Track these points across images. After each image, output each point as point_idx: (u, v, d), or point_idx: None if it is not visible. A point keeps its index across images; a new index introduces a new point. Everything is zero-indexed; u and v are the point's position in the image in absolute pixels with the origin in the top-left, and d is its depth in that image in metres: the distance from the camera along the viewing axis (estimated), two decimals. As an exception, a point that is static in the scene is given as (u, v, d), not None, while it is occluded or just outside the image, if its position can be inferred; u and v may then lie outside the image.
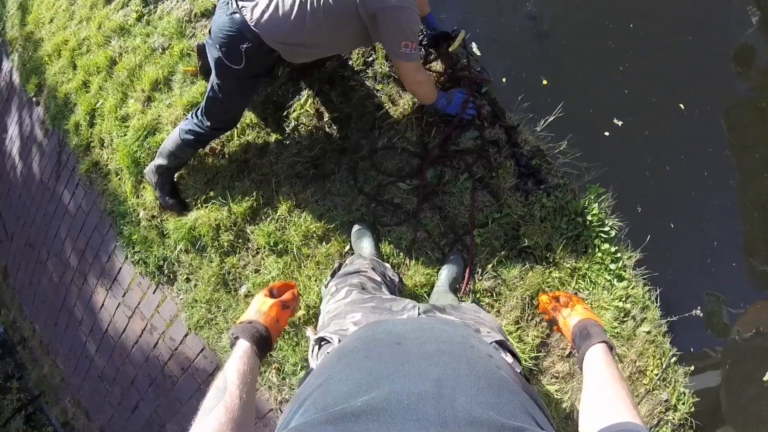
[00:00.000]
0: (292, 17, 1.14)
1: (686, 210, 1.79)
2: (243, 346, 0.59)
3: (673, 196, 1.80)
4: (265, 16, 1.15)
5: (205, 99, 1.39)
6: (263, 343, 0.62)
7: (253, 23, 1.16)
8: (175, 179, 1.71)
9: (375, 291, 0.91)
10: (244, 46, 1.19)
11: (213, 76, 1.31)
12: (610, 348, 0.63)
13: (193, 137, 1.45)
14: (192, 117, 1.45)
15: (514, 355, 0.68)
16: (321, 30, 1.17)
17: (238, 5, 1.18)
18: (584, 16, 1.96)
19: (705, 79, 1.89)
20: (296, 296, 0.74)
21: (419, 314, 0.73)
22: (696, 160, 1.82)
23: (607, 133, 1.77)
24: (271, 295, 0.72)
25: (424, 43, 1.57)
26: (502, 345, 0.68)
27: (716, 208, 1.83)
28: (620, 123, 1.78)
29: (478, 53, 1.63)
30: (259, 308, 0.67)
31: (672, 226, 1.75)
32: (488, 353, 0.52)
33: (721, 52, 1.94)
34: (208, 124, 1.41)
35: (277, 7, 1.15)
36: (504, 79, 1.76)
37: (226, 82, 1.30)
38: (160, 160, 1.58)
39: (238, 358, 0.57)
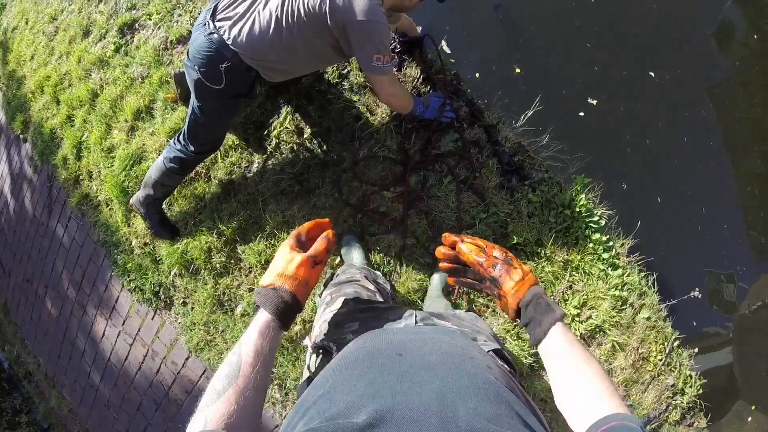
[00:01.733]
0: (269, 34, 1.15)
1: (671, 181, 1.79)
2: (264, 318, 0.53)
3: (656, 168, 1.79)
4: (243, 34, 1.16)
5: (187, 123, 1.39)
6: (287, 312, 0.55)
7: (230, 42, 1.18)
8: (163, 207, 1.71)
9: (370, 299, 0.91)
10: (224, 65, 1.20)
11: (193, 99, 1.32)
12: (562, 318, 0.57)
13: (177, 164, 1.46)
14: (175, 143, 1.45)
15: (510, 363, 0.68)
16: (297, 46, 1.18)
17: (215, 26, 1.19)
18: (546, -3, 1.95)
19: (670, 43, 1.89)
20: (330, 242, 0.61)
21: (416, 323, 0.72)
22: (673, 126, 1.82)
23: (582, 114, 1.77)
24: (299, 244, 0.60)
25: (397, 50, 1.58)
26: (499, 354, 0.68)
27: (699, 173, 1.82)
28: (595, 102, 1.77)
29: (448, 51, 1.63)
30: (283, 269, 0.56)
31: (658, 200, 1.74)
32: (487, 364, 0.52)
33: (685, 14, 1.93)
34: (192, 148, 1.42)
35: (253, 25, 1.16)
36: (477, 74, 1.77)
37: (208, 103, 1.30)
38: (146, 191, 1.58)
39: (257, 332, 0.52)
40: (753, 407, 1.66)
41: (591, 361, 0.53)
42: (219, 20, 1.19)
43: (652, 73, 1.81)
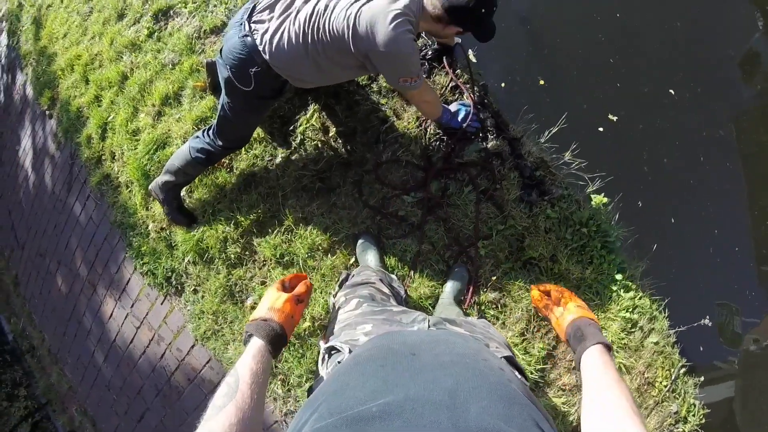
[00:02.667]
0: (296, 49, 1.16)
1: (685, 201, 1.78)
2: (257, 344, 0.59)
3: (672, 188, 1.79)
4: (273, 43, 1.17)
5: (216, 118, 1.41)
6: (277, 341, 0.61)
7: (261, 48, 1.18)
8: (182, 194, 1.73)
9: (384, 302, 0.91)
10: (254, 69, 1.20)
11: (223, 95, 1.34)
12: (608, 348, 0.60)
13: (204, 156, 1.47)
14: (204, 136, 1.47)
15: (521, 371, 0.69)
16: (322, 63, 1.18)
17: (250, 27, 1.19)
18: (573, 10, 1.97)
19: (693, 62, 1.88)
20: (309, 288, 0.73)
21: (429, 327, 0.73)
22: (691, 146, 1.81)
23: (601, 129, 1.77)
24: (284, 288, 0.71)
25: (428, 57, 1.59)
26: (510, 361, 0.68)
27: (714, 194, 1.81)
28: (615, 118, 1.77)
29: (474, 60, 1.65)
30: (272, 304, 0.66)
31: (672, 221, 1.74)
32: (500, 367, 0.53)
33: (711, 36, 1.94)
34: (220, 143, 1.44)
35: (282, 35, 1.16)
36: (503, 84, 1.78)
37: (236, 102, 1.32)
38: (167, 177, 1.59)
39: (251, 356, 0.57)
40: (752, 440, 1.65)
41: (620, 384, 0.54)
42: (255, 22, 1.20)
43: (671, 91, 1.81)
